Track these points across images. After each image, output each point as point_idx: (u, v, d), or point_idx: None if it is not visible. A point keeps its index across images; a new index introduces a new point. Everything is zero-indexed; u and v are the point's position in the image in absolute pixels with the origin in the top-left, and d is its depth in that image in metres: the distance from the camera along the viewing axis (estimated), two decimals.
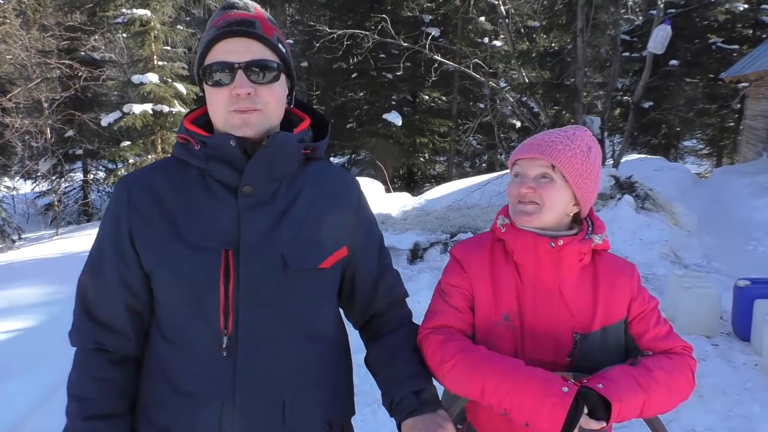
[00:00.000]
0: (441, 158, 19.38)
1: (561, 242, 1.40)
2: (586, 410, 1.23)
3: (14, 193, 12.81)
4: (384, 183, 12.14)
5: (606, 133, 10.47)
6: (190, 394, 1.27)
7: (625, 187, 7.97)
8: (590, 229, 1.48)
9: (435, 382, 1.42)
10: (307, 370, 1.34)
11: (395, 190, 13.41)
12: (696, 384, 1.41)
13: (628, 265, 1.52)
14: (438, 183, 15.04)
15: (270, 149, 1.28)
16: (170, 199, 1.30)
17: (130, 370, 1.34)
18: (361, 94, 17.68)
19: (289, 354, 1.31)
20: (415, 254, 7.08)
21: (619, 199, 7.56)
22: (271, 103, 1.29)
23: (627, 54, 15.61)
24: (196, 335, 1.27)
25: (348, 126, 17.42)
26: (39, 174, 13.73)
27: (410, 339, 1.49)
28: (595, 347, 1.41)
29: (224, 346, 1.25)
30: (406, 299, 1.59)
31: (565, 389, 1.24)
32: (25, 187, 13.96)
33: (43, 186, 14.14)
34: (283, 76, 1.33)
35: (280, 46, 1.31)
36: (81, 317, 1.32)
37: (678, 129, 18.30)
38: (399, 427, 1.33)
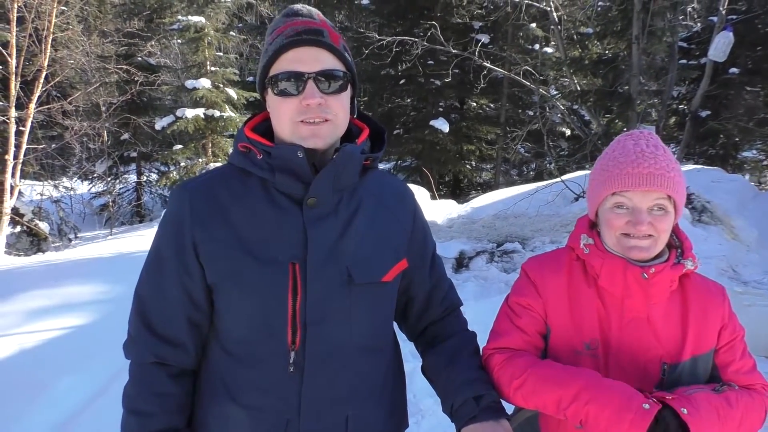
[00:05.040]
0: (488, 166, 19.13)
1: (653, 270, 1.32)
2: None
3: (72, 193, 13.27)
4: (430, 190, 12.07)
5: None
6: (255, 409, 1.26)
7: None
8: (679, 251, 1.39)
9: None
10: (369, 384, 1.33)
11: (441, 197, 13.29)
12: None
13: (719, 289, 1.43)
14: (484, 191, 14.87)
15: (338, 161, 1.26)
16: (233, 209, 1.27)
17: (187, 383, 1.32)
18: (409, 100, 17.61)
19: (353, 369, 1.29)
20: (461, 263, 6.99)
21: None
22: (340, 113, 1.27)
23: (684, 61, 15.11)
24: (261, 350, 1.25)
25: (395, 132, 17.39)
26: (95, 175, 14.22)
27: (468, 344, 1.46)
28: (684, 378, 1.34)
29: (291, 361, 1.23)
30: (461, 308, 1.56)
31: (646, 406, 1.18)
32: (82, 187, 14.48)
33: (99, 187, 14.64)
34: (348, 86, 1.31)
35: (346, 54, 1.29)
36: (140, 330, 1.29)
37: (737, 139, 17.60)
38: None
